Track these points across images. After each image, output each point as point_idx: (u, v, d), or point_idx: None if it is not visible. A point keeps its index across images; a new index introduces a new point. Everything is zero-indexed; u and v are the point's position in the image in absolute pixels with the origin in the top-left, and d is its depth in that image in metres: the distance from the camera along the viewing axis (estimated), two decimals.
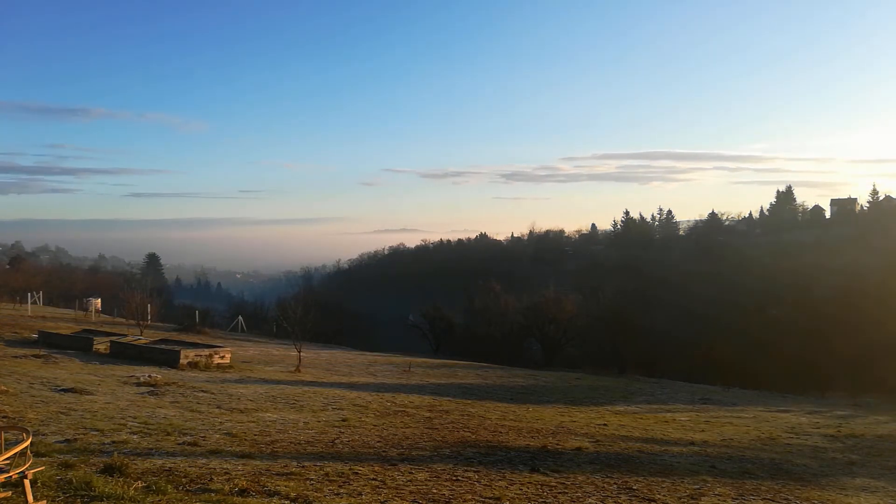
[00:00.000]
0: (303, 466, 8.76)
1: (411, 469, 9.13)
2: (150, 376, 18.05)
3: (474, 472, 9.26)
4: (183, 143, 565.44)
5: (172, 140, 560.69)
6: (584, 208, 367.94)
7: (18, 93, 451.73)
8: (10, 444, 6.41)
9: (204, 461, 8.66)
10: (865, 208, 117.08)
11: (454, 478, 8.78)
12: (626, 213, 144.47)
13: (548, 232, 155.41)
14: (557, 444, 12.30)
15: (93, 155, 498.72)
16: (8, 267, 79.43)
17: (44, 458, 7.90)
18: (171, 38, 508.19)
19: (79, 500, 6.49)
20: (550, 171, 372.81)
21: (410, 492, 7.86)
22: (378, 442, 11.26)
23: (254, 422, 12.42)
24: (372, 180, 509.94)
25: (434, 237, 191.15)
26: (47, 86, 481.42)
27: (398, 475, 8.68)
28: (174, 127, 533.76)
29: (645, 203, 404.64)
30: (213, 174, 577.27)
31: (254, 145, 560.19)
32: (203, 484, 7.42)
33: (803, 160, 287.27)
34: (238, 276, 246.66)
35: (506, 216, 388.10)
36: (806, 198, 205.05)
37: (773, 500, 8.88)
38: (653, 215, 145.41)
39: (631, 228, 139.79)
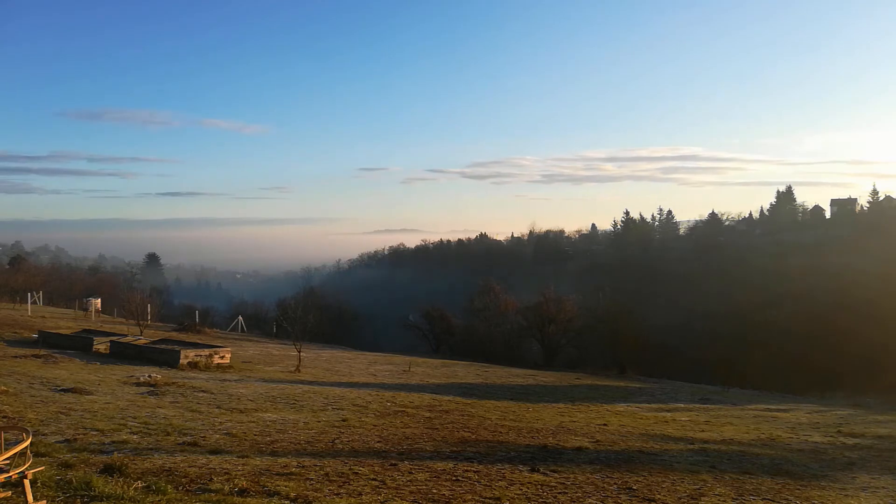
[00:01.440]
0: (303, 466, 8.76)
1: (411, 469, 9.13)
2: (150, 376, 18.05)
3: (474, 472, 9.26)
4: (243, 147, 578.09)
5: (233, 144, 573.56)
6: (612, 208, 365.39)
7: (90, 101, 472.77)
8: (10, 444, 6.41)
9: (204, 461, 8.66)
10: (865, 208, 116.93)
11: (454, 478, 8.78)
12: (626, 213, 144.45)
13: (548, 232, 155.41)
14: (557, 444, 12.30)
15: (137, 156, 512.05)
16: (8, 267, 79.37)
17: (44, 458, 7.91)
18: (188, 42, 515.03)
19: (79, 500, 6.49)
20: (594, 172, 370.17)
21: (410, 492, 7.86)
22: (378, 442, 11.26)
23: (254, 422, 12.42)
24: (415, 180, 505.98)
25: (434, 237, 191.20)
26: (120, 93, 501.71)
27: (398, 475, 8.68)
28: (235, 130, 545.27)
29: (679, 204, 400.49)
30: (253, 173, 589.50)
31: (291, 147, 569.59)
32: (203, 484, 7.42)
33: (803, 162, 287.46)
34: (238, 276, 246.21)
35: (530, 216, 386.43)
36: (806, 198, 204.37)
37: (773, 500, 8.88)
38: (653, 215, 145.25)
39: (631, 229, 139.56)
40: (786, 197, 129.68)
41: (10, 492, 6.24)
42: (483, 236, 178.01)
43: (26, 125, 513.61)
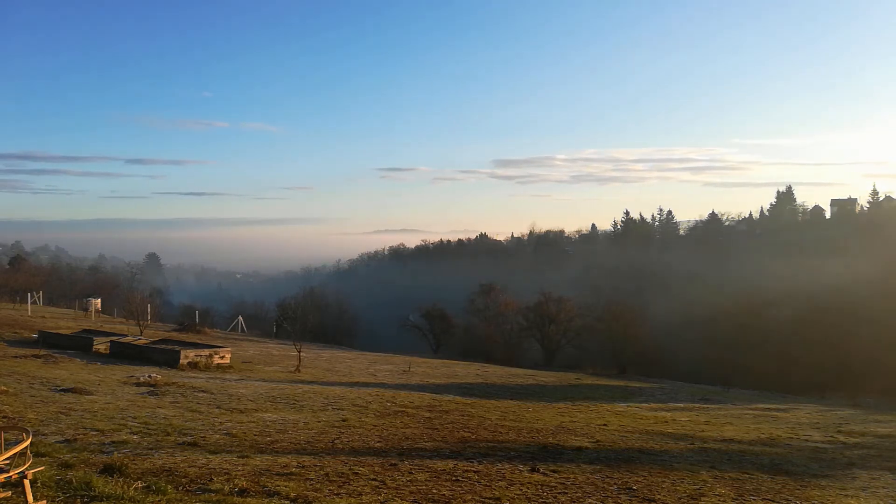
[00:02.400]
0: (303, 466, 8.77)
1: (411, 469, 9.13)
2: (150, 376, 18.05)
3: (474, 472, 9.26)
4: (272, 148, 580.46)
5: (264, 145, 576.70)
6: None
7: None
8: (10, 444, 6.41)
9: (204, 461, 8.66)
10: (865, 208, 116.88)
11: (454, 478, 8.78)
12: (626, 213, 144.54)
13: (548, 232, 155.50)
14: (557, 444, 12.30)
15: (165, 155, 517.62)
16: (8, 267, 79.34)
17: (44, 458, 7.90)
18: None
19: (79, 500, 6.49)
20: (622, 172, 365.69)
21: (410, 492, 7.86)
22: (378, 442, 11.26)
23: (254, 422, 12.42)
24: (443, 179, 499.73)
25: (434, 237, 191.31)
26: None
27: (398, 475, 8.68)
28: (265, 132, 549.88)
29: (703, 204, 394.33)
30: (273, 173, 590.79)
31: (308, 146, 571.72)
32: (203, 484, 7.42)
33: (804, 163, 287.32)
34: (238, 276, 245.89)
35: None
36: (806, 198, 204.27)
37: (773, 500, 8.88)
38: (653, 215, 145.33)
39: (631, 228, 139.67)
40: (786, 197, 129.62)
41: (10, 492, 6.24)
42: (483, 236, 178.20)
43: (77, 126, 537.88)
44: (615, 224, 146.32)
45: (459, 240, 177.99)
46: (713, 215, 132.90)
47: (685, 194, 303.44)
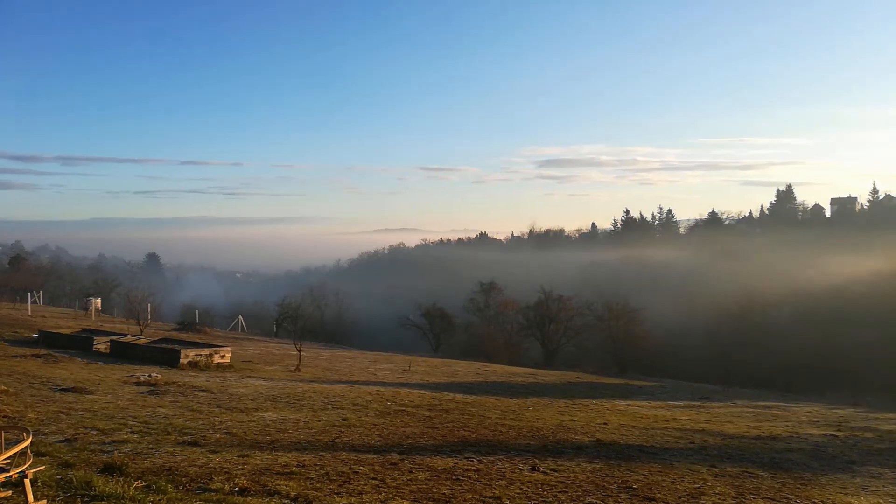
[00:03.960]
0: (303, 465, 8.77)
1: (412, 468, 9.14)
2: (150, 376, 18.07)
3: (474, 471, 9.26)
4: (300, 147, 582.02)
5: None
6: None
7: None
8: (10, 444, 6.42)
9: (204, 460, 8.67)
10: (865, 208, 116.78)
11: (454, 477, 8.78)
12: (626, 212, 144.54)
13: (548, 231, 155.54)
14: (558, 444, 12.31)
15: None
16: (8, 267, 79.29)
17: (44, 458, 7.92)
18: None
19: (79, 499, 6.49)
20: (666, 172, 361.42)
21: (411, 491, 7.87)
22: (378, 441, 11.27)
23: (254, 421, 12.43)
24: (486, 179, 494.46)
25: (434, 237, 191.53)
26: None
27: (398, 474, 8.69)
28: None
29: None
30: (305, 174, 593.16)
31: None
32: (203, 483, 7.43)
33: (803, 162, 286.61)
34: (238, 276, 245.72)
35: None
36: (806, 197, 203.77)
37: (773, 500, 8.88)
38: (653, 214, 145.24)
39: (631, 227, 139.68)
40: (786, 196, 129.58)
41: (10, 491, 6.25)
42: (483, 236, 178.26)
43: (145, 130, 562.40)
44: (615, 223, 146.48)
45: (459, 238, 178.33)
46: (713, 214, 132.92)
47: (724, 194, 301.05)
